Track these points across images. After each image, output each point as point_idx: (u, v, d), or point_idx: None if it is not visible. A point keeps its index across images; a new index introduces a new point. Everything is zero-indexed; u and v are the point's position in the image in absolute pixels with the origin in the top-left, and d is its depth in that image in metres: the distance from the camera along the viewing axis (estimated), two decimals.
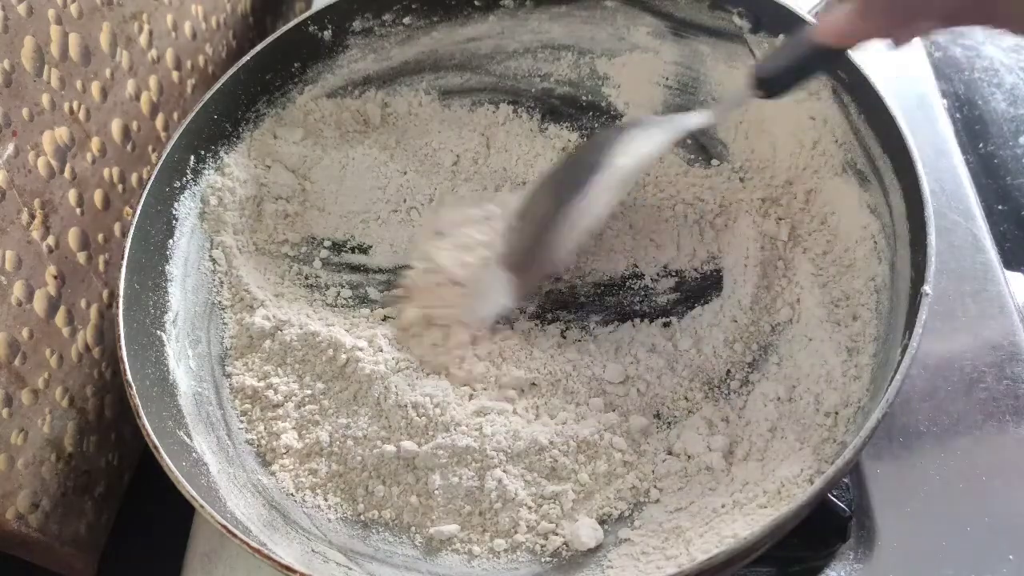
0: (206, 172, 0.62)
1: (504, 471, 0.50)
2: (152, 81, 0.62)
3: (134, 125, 0.60)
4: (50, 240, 0.51)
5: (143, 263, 0.55)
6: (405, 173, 0.67)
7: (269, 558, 0.42)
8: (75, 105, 0.53)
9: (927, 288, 0.45)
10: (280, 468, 0.53)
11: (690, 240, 0.61)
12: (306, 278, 0.63)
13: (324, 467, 0.53)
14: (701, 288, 0.60)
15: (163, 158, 0.57)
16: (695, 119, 0.51)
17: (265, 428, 0.55)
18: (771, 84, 0.46)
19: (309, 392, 0.55)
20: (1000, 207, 0.71)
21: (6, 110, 0.47)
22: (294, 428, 0.54)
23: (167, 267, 0.57)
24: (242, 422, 0.55)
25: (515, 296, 0.54)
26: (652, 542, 0.48)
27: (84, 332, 0.54)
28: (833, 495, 0.50)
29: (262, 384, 0.56)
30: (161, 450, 0.46)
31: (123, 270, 0.52)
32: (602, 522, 0.50)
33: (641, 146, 0.49)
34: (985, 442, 0.54)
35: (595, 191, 0.49)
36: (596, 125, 0.70)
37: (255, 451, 0.54)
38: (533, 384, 0.55)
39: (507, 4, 0.70)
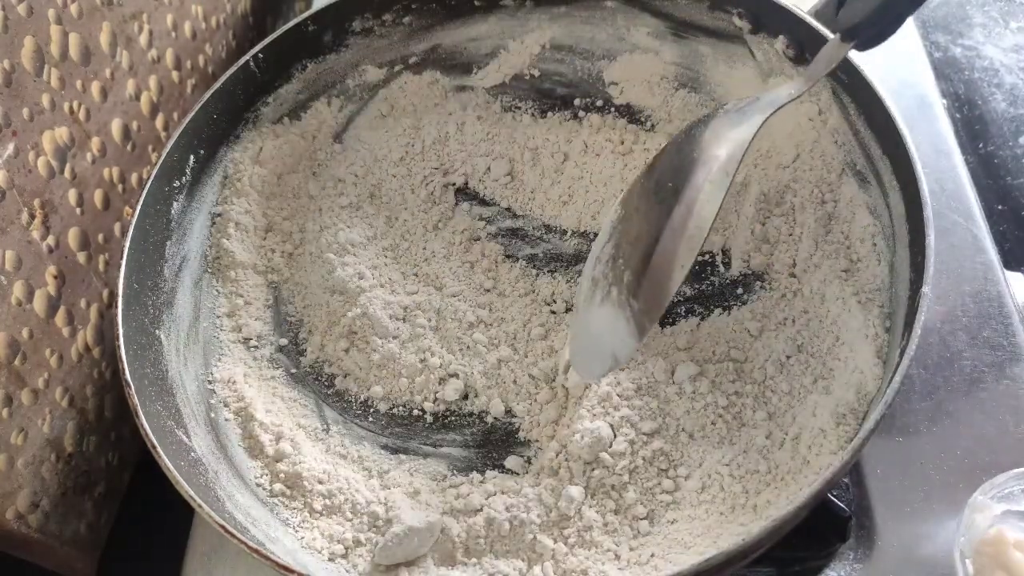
0: (206, 171, 0.62)
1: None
2: (152, 81, 0.62)
3: (134, 125, 0.60)
4: (50, 240, 0.51)
5: (143, 263, 0.55)
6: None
7: (267, 558, 0.42)
8: (75, 105, 0.53)
9: (926, 289, 0.45)
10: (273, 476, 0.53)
11: None
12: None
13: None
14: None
15: (163, 158, 0.57)
16: (785, 92, 0.45)
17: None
18: (860, 32, 0.38)
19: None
20: (1000, 207, 0.71)
21: (6, 110, 0.47)
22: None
23: (166, 267, 0.57)
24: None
25: (638, 335, 0.47)
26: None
27: (84, 332, 0.54)
28: (833, 495, 0.50)
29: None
30: (160, 450, 0.46)
31: (123, 270, 0.52)
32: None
33: (735, 132, 0.44)
34: (985, 442, 0.54)
35: (696, 191, 0.43)
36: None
37: (248, 452, 0.54)
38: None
39: (507, 4, 0.70)
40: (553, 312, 0.60)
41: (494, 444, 0.55)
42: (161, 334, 0.55)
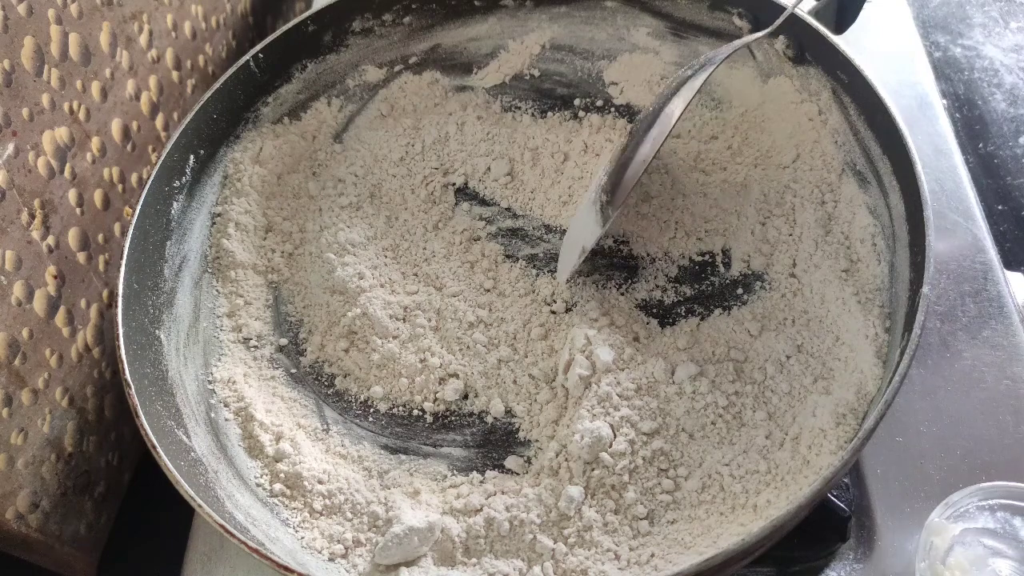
0: (206, 171, 0.62)
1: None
2: (152, 81, 0.62)
3: (134, 125, 0.60)
4: (50, 240, 0.51)
5: (143, 263, 0.55)
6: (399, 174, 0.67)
7: (267, 558, 0.42)
8: (75, 105, 0.53)
9: (926, 289, 0.45)
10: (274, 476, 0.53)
11: (688, 230, 0.62)
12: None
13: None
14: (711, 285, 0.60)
15: (162, 158, 0.57)
16: (751, 37, 0.57)
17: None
18: None
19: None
20: (1000, 207, 0.71)
21: (6, 110, 0.47)
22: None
23: (166, 267, 0.57)
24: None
25: (603, 223, 0.56)
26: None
27: (84, 332, 0.54)
28: (833, 495, 0.50)
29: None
30: (160, 450, 0.46)
31: (123, 270, 0.52)
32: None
33: (703, 69, 0.56)
34: (985, 442, 0.54)
35: (670, 112, 0.56)
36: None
37: (248, 452, 0.54)
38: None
39: (507, 4, 0.70)
40: (553, 312, 0.60)
41: (494, 444, 0.55)
42: (161, 334, 0.55)
